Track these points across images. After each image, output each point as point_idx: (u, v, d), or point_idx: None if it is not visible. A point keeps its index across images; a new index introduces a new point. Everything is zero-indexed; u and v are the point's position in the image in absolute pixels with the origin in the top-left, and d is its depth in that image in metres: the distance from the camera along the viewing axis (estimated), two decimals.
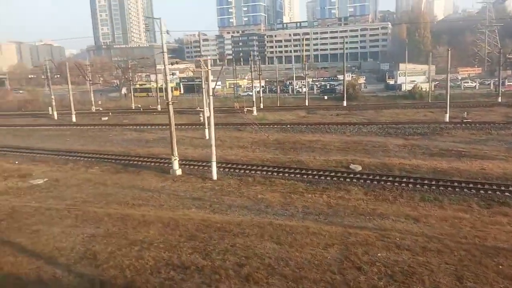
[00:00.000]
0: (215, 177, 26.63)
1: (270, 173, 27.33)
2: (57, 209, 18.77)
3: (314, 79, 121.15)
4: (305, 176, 26.30)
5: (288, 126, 44.35)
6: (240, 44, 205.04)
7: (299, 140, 38.28)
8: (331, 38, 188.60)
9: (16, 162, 33.32)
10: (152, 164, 31.48)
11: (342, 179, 25.27)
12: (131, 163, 31.87)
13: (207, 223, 16.73)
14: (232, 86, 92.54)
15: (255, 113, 52.95)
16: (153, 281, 11.73)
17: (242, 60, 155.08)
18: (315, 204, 21.12)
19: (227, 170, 28.58)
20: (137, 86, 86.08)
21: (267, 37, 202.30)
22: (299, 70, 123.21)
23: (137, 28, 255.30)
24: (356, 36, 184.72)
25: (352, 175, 25.91)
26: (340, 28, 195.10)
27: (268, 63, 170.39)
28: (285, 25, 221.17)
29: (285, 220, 18.06)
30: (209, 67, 26.65)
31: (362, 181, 24.82)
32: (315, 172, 26.93)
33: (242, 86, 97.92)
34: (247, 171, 28.14)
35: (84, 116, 56.14)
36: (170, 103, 26.74)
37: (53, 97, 56.97)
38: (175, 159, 28.07)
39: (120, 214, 18.03)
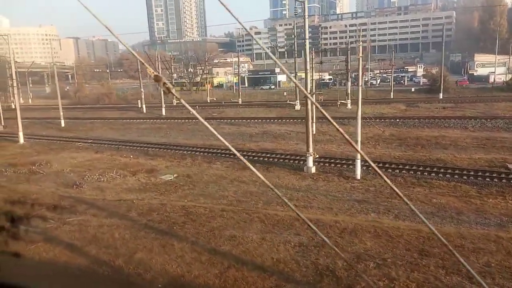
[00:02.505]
0: (359, 176, 24.32)
1: (419, 173, 24.60)
2: (233, 211, 17.01)
3: (381, 70, 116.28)
4: (465, 177, 23.36)
5: (398, 120, 41.16)
6: (293, 36, 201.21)
7: (419, 135, 35.11)
8: (390, 28, 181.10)
9: (131, 156, 32.49)
10: (276, 160, 29.56)
11: None
12: (252, 159, 30.11)
13: (421, 233, 14.26)
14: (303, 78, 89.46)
15: (349, 106, 49.98)
16: None
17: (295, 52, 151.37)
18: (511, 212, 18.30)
19: (364, 168, 26.08)
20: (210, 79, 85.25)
21: (321, 28, 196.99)
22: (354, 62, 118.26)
23: (190, 22, 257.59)
24: (418, 26, 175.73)
25: None
26: (400, 17, 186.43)
27: (321, 56, 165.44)
28: (339, 16, 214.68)
29: (503, 232, 15.33)
30: (361, 54, 24.10)
31: None
32: (472, 173, 23.99)
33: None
34: (389, 170, 25.56)
35: (171, 110, 55.43)
36: (310, 94, 24.45)
37: (142, 90, 56.76)
38: (310, 156, 25.95)
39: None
